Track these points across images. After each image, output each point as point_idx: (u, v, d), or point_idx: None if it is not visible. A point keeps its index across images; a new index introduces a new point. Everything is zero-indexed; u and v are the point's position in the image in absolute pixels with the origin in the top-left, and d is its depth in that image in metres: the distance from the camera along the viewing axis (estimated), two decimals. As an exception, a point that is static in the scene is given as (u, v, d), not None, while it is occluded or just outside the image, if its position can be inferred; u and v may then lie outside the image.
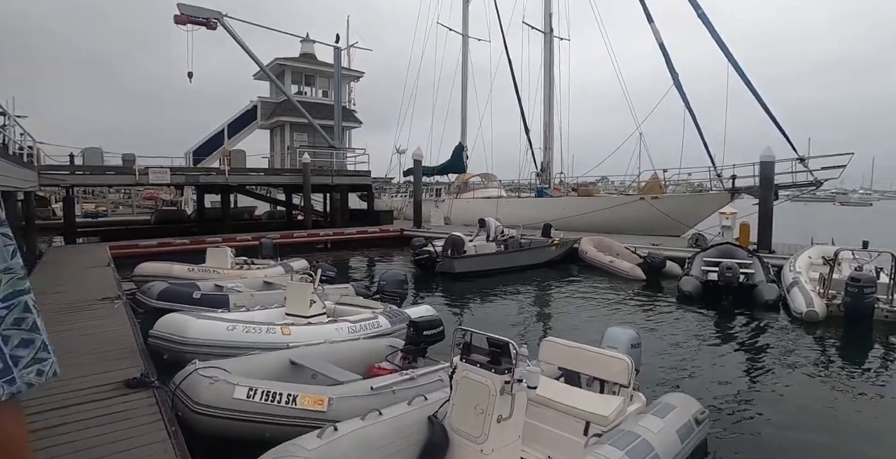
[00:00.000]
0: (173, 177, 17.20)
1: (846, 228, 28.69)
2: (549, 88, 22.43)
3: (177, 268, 9.57)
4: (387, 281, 7.81)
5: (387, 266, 15.56)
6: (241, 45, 18.52)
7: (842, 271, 10.32)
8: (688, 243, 15.72)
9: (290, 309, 6.28)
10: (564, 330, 8.22)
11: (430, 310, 7.40)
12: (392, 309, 7.03)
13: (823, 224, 32.97)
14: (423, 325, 5.22)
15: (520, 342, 7.19)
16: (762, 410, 5.45)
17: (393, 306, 7.30)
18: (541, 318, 9.32)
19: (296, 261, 11.80)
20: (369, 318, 6.28)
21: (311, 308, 6.20)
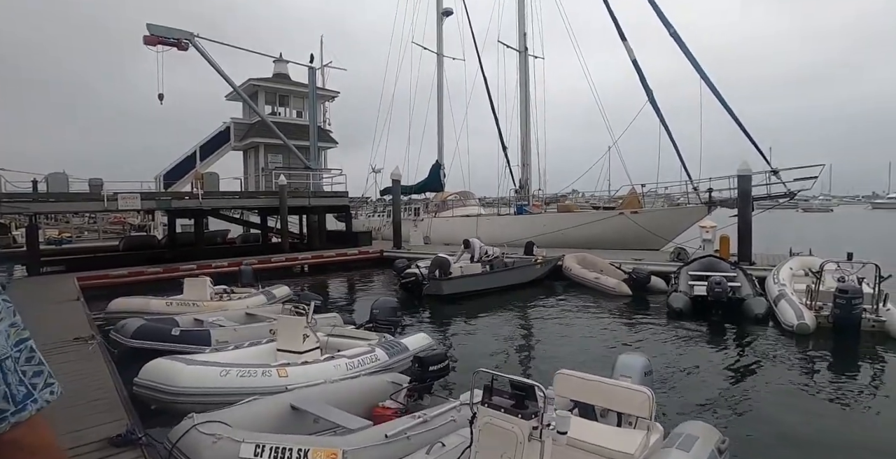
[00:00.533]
0: (144, 203, 16.59)
1: (815, 235, 29.41)
2: (525, 106, 22.59)
3: (153, 304, 9.04)
4: (379, 309, 7.51)
5: (369, 289, 15.22)
6: (214, 66, 18.14)
7: (825, 282, 10.44)
8: (670, 257, 15.79)
9: (282, 345, 5.94)
10: (563, 354, 8.04)
11: (427, 339, 7.14)
12: (387, 339, 6.74)
13: (792, 231, 33.88)
14: (429, 361, 4.96)
15: (523, 370, 7.03)
16: (772, 429, 5.34)
17: (388, 336, 7.01)
18: (535, 341, 9.11)
19: (277, 288, 11.40)
20: (366, 352, 5.98)
21: (305, 343, 5.88)
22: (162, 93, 17.64)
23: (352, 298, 13.72)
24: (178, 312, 8.48)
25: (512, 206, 23.71)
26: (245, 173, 23.29)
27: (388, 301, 7.74)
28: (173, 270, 15.05)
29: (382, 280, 17.00)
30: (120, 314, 8.54)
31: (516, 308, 11.95)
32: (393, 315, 7.55)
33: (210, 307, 8.95)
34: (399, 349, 6.49)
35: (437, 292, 12.01)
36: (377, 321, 7.39)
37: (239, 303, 9.54)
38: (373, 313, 7.49)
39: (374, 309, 7.55)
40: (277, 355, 5.97)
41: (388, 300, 7.79)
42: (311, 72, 21.07)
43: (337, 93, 23.79)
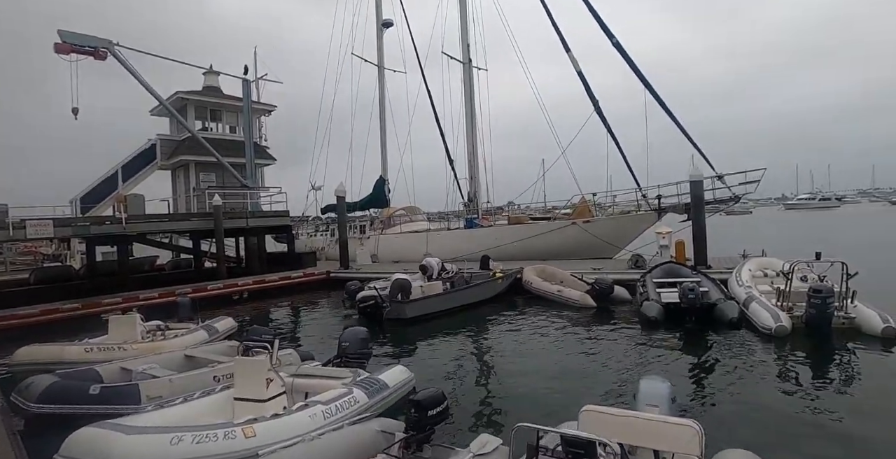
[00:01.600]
0: (58, 230, 14.72)
1: (749, 236, 30.66)
2: (471, 118, 22.25)
3: (69, 351, 7.52)
4: (349, 341, 6.58)
5: (320, 315, 14.07)
6: (136, 77, 16.58)
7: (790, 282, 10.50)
8: (628, 264, 15.69)
9: (241, 393, 4.93)
10: (547, 377, 7.39)
11: (406, 372, 6.32)
12: (362, 376, 5.85)
13: (723, 233, 35.24)
14: (427, 403, 4.14)
15: (519, 404, 6.28)
16: (789, 441, 4.93)
17: (360, 371, 6.11)
18: (513, 365, 8.39)
19: (220, 321, 10.17)
20: (343, 394, 5.07)
21: (269, 388, 4.90)
22: (76, 107, 15.90)
23: (303, 327, 12.50)
24: (101, 360, 7.09)
25: (461, 220, 23.18)
26: (174, 194, 21.50)
27: (358, 331, 6.82)
28: (94, 305, 13.33)
29: (331, 303, 15.87)
30: (27, 366, 7.09)
31: (482, 327, 11.25)
32: (364, 346, 6.65)
33: (141, 350, 7.63)
34: (378, 386, 5.62)
35: (399, 316, 11.13)
36: (347, 354, 6.46)
37: (176, 343, 8.26)
38: (341, 346, 6.54)
39: (343, 341, 6.60)
40: (236, 406, 4.95)
41: (357, 330, 6.87)
42: (246, 84, 19.81)
43: (274, 107, 22.53)
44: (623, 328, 10.46)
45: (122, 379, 6.45)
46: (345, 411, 4.83)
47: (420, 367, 8.19)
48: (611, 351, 8.70)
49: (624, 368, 7.67)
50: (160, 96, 17.55)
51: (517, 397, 6.55)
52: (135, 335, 8.70)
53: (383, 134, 25.81)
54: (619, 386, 6.73)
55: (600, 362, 8.09)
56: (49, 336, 11.86)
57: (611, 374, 7.40)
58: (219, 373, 6.23)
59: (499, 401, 6.41)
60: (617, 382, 6.96)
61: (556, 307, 12.89)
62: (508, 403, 6.31)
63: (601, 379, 7.19)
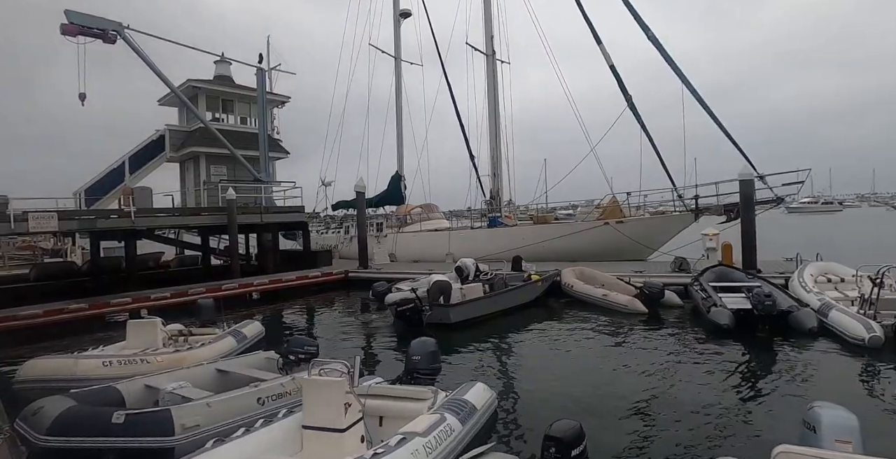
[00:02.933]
0: (63, 223, 13.66)
1: (778, 239, 29.83)
2: (494, 112, 21.27)
3: (84, 366, 6.38)
4: (420, 354, 5.58)
5: (345, 319, 13.01)
6: (147, 63, 15.55)
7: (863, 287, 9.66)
8: (670, 267, 14.78)
9: (312, 420, 3.96)
10: (634, 393, 6.41)
11: (488, 390, 5.40)
12: (446, 397, 4.90)
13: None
14: (570, 441, 3.21)
15: (623, 432, 5.32)
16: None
17: (438, 390, 5.15)
18: (583, 377, 7.40)
19: (247, 325, 9.17)
20: (437, 422, 4.12)
21: (348, 415, 3.94)
22: (83, 92, 14.85)
23: (330, 333, 11.36)
24: (119, 375, 6.06)
25: (482, 219, 22.22)
26: (182, 187, 20.47)
27: (427, 342, 5.81)
28: (102, 305, 12.31)
29: (352, 304, 14.87)
30: (35, 383, 6.05)
31: (527, 334, 10.27)
32: (435, 360, 5.67)
33: (165, 362, 6.62)
34: (468, 410, 4.69)
35: (443, 320, 10.15)
36: (418, 369, 5.48)
37: (203, 353, 7.25)
38: (411, 360, 5.54)
39: (413, 354, 5.60)
40: (305, 437, 4.00)
41: (426, 341, 5.85)
42: (261, 73, 18.79)
43: (288, 98, 21.44)
44: (687, 336, 9.51)
45: (147, 400, 5.45)
46: (444, 443, 3.89)
47: (491, 385, 7.25)
48: (691, 366, 7.71)
49: (725, 387, 6.68)
50: (171, 83, 16.52)
51: (611, 420, 5.58)
52: (156, 342, 7.71)
53: (399, 128, 24.84)
54: (737, 414, 5.74)
55: (684, 379, 7.10)
56: (54, 339, 11.01)
57: (710, 395, 6.41)
58: (264, 395, 5.24)
59: (598, 426, 5.44)
60: (726, 406, 5.98)
61: (601, 312, 11.93)
62: (608, 429, 5.33)
63: (698, 401, 6.20)
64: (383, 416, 4.65)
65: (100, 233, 15.85)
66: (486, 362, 8.53)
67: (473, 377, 7.65)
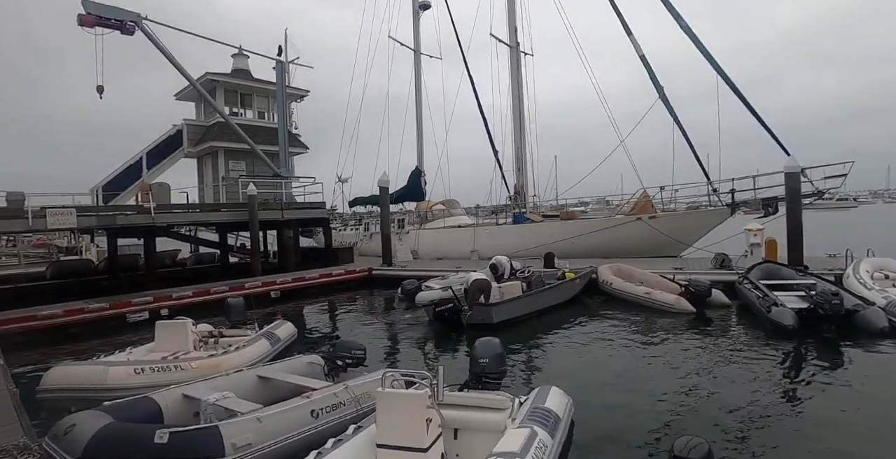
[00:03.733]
0: (81, 220, 13.22)
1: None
2: (518, 106, 20.63)
3: (116, 374, 5.79)
4: (487, 356, 4.98)
5: (374, 318, 12.45)
6: (165, 55, 15.08)
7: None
8: (711, 264, 14.12)
9: (389, 438, 3.44)
10: (706, 401, 5.82)
11: (564, 395, 4.90)
12: (520, 402, 4.39)
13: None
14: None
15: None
16: None
17: (512, 397, 4.61)
18: (652, 382, 6.82)
19: (279, 327, 8.66)
20: (530, 437, 3.62)
21: (430, 431, 3.39)
22: (101, 85, 14.42)
23: (363, 335, 10.69)
24: (152, 384, 5.58)
25: (507, 215, 21.62)
26: (200, 183, 20.02)
27: (493, 343, 5.21)
28: (122, 305, 11.85)
29: (378, 303, 14.33)
30: (62, 393, 5.51)
31: (573, 333, 9.68)
32: (502, 363, 5.09)
33: (201, 369, 6.09)
34: (553, 419, 4.18)
35: (484, 321, 9.59)
36: (487, 374, 4.90)
37: (239, 358, 6.73)
38: (478, 363, 4.95)
39: (480, 357, 5.00)
40: (379, 456, 3.45)
41: (492, 342, 5.24)
42: (280, 66, 18.27)
43: (307, 91, 20.92)
44: (747, 338, 8.88)
45: (186, 411, 4.92)
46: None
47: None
48: (764, 372, 7.08)
49: (817, 398, 6.06)
50: (190, 76, 16.04)
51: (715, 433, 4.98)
52: (186, 344, 7.22)
53: (419, 123, 24.24)
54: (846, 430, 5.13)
55: (764, 387, 6.48)
56: (74, 340, 10.56)
57: (812, 408, 5.79)
58: (317, 407, 4.71)
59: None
60: (830, 420, 5.36)
61: (643, 311, 11.32)
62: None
63: (790, 415, 5.60)
64: (459, 429, 4.10)
65: (118, 231, 15.41)
66: (536, 365, 7.96)
67: (527, 381, 7.11)
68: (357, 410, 4.97)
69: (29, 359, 9.01)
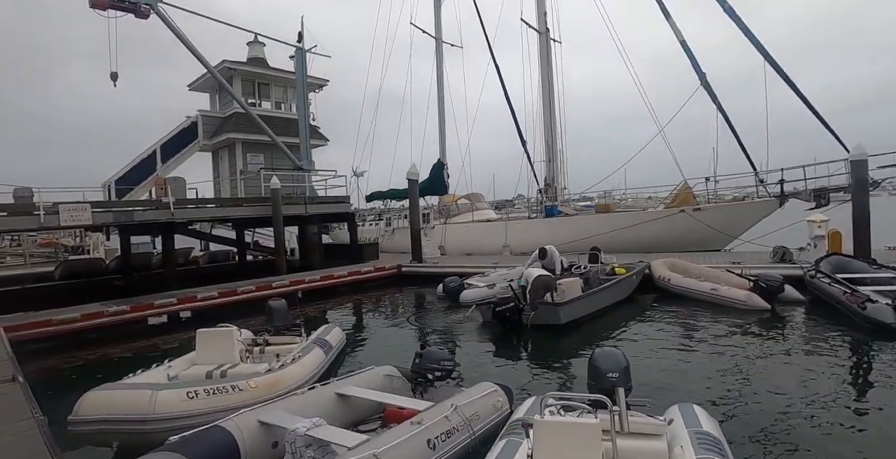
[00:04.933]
0: (97, 216, 12.30)
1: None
2: (549, 94, 19.64)
3: (164, 400, 4.62)
4: (616, 370, 4.05)
5: (404, 317, 11.44)
6: (182, 40, 14.11)
7: None
8: (770, 257, 13.21)
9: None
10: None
11: (708, 415, 3.93)
12: (666, 424, 3.48)
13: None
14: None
15: None
16: None
17: (661, 418, 3.70)
18: (763, 390, 5.91)
19: (328, 331, 7.74)
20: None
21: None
22: (115, 71, 13.49)
23: (412, 339, 9.80)
24: (211, 411, 4.61)
25: (536, 209, 20.68)
26: (215, 177, 19.09)
27: (616, 354, 4.26)
28: (144, 307, 10.93)
29: (411, 302, 13.39)
30: (102, 425, 4.45)
31: (646, 336, 8.74)
32: (629, 377, 4.17)
33: (262, 387, 5.13)
34: (721, 447, 3.27)
35: (550, 321, 8.68)
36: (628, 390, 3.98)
37: (298, 371, 5.79)
38: (608, 379, 4.00)
39: (610, 372, 4.07)
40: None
41: (613, 354, 4.29)
42: (300, 54, 17.27)
43: (326, 81, 19.92)
44: (844, 338, 7.96)
45: (265, 441, 3.99)
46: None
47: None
48: (883, 378, 6.17)
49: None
50: (207, 62, 15.07)
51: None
52: (233, 355, 6.31)
53: (441, 114, 23.24)
54: None
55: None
56: (94, 346, 9.64)
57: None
58: (432, 434, 3.79)
59: None
60: None
61: (706, 309, 10.42)
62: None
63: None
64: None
65: (133, 228, 14.47)
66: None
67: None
68: (470, 436, 4.09)
69: (47, 371, 8.14)
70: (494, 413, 4.64)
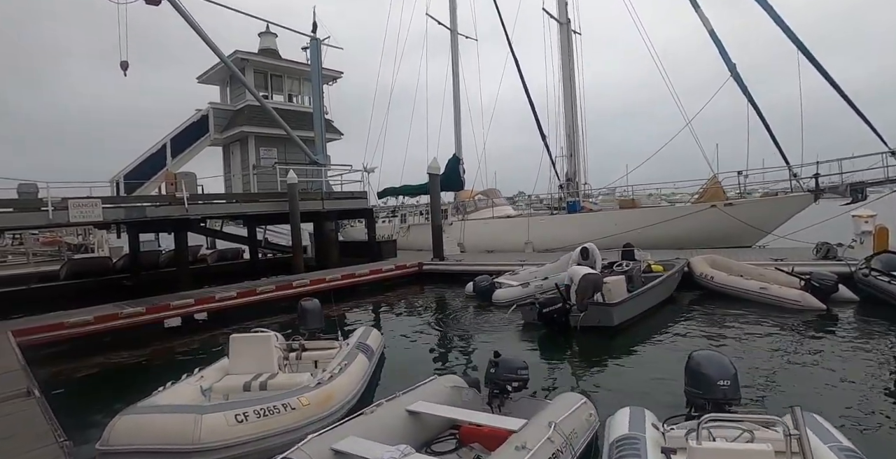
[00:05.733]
0: (108, 212, 11.68)
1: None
2: (570, 87, 18.99)
3: (211, 425, 3.95)
4: (727, 378, 3.47)
5: (434, 318, 10.80)
6: (193, 27, 13.47)
7: None
8: (813, 254, 12.59)
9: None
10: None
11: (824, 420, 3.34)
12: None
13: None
14: None
15: None
16: None
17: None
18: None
19: (368, 334, 7.12)
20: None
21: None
22: (126, 60, 12.85)
23: (462, 345, 8.88)
24: (262, 435, 4.04)
25: (553, 204, 20.08)
26: (226, 172, 18.46)
27: (721, 359, 3.70)
28: (160, 308, 10.31)
29: (435, 301, 12.76)
30: (137, 456, 3.80)
31: (702, 338, 8.14)
32: (737, 381, 3.59)
33: (315, 404, 4.50)
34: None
35: (602, 323, 8.08)
36: (729, 400, 3.41)
37: (347, 382, 5.19)
38: (719, 387, 3.41)
39: (720, 379, 3.49)
40: None
41: (718, 357, 3.72)
42: (315, 44, 16.62)
43: (340, 73, 19.27)
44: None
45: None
46: None
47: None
48: None
49: None
50: (221, 52, 14.42)
51: None
52: (271, 364, 5.70)
53: (457, 108, 22.56)
54: None
55: None
56: (109, 350, 9.04)
57: None
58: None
59: None
60: None
61: (756, 308, 9.82)
62: None
63: None
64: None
65: (143, 225, 13.86)
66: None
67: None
68: (572, 457, 3.52)
69: (62, 380, 7.53)
70: (588, 430, 4.07)
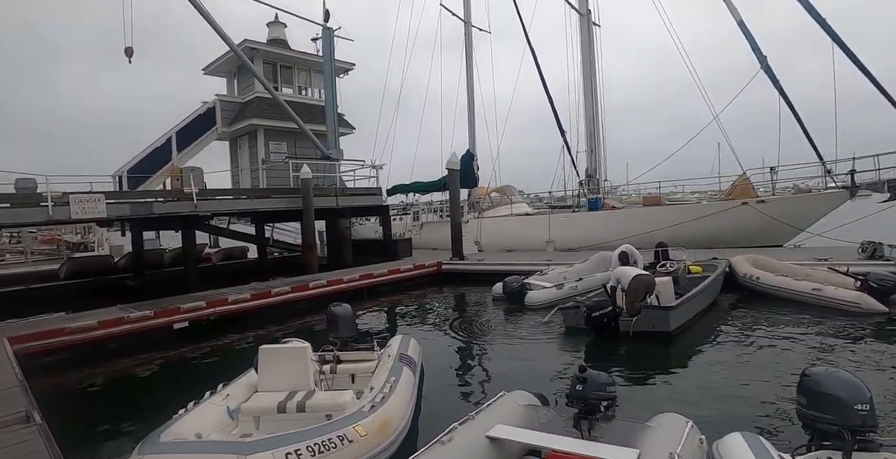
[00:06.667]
0: (112, 208, 10.94)
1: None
2: (591, 81, 18.28)
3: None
4: (866, 401, 2.84)
5: (462, 322, 10.06)
6: (203, 14, 12.73)
7: None
8: (858, 254, 11.94)
9: None
10: None
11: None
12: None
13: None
14: None
15: None
16: None
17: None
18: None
19: (406, 343, 6.40)
20: None
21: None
22: (130, 46, 12.13)
23: (503, 354, 7.94)
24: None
25: (574, 202, 19.39)
26: (234, 167, 17.73)
27: (846, 376, 3.09)
28: (170, 312, 9.56)
29: (462, 305, 12.04)
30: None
31: (764, 345, 7.42)
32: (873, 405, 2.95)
33: (373, 434, 3.74)
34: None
35: (658, 328, 7.37)
36: (870, 429, 2.76)
37: (401, 402, 4.51)
38: (855, 414, 2.79)
39: (857, 403, 2.87)
40: None
41: (843, 375, 3.11)
42: (327, 34, 15.88)
43: (352, 65, 18.51)
44: None
45: None
46: None
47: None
48: None
49: None
50: (231, 41, 13.68)
51: None
52: (307, 380, 4.98)
53: (471, 102, 21.88)
54: None
55: None
56: (115, 357, 8.35)
57: None
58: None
59: None
60: None
61: (808, 311, 9.14)
62: None
63: None
64: None
65: (149, 222, 13.13)
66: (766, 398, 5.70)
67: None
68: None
69: (65, 395, 6.80)
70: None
